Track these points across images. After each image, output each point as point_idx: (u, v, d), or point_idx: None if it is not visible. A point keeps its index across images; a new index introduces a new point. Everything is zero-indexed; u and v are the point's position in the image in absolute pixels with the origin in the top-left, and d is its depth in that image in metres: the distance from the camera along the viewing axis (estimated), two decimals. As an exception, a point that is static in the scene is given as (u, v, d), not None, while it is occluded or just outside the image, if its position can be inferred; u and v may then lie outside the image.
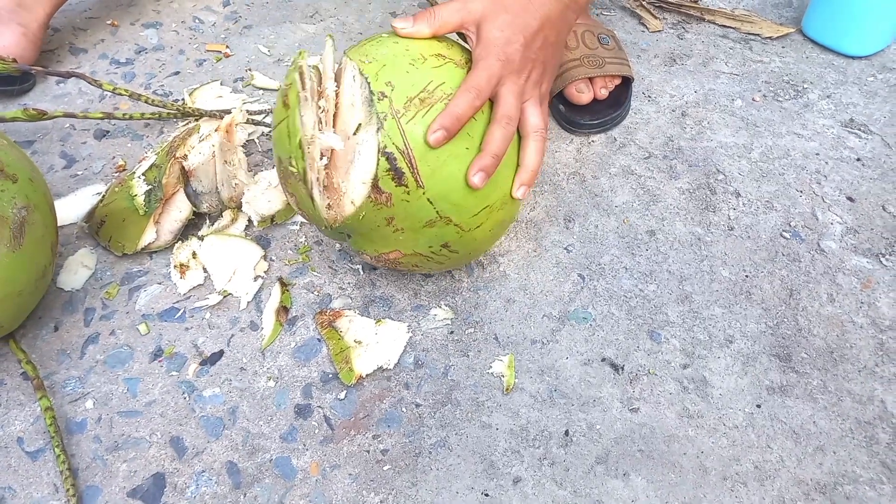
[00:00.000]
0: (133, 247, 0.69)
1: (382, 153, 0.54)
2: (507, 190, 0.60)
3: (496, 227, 0.62)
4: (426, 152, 0.54)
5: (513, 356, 0.64)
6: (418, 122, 0.54)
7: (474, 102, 0.55)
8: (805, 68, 0.93)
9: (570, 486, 0.57)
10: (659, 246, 0.73)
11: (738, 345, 0.65)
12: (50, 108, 0.84)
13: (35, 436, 0.59)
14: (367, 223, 0.57)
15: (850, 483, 0.57)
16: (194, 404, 0.61)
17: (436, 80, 0.56)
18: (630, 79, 0.86)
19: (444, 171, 0.55)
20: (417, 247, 0.59)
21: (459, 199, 0.57)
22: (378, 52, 0.57)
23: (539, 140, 0.60)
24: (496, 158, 0.56)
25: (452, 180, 0.56)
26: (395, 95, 0.54)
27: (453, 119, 0.54)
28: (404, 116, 0.54)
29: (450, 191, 0.56)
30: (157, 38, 0.97)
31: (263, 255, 0.71)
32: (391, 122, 0.54)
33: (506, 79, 0.57)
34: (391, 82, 0.55)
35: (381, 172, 0.54)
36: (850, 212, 0.76)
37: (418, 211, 0.56)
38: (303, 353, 0.64)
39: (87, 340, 0.65)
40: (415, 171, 0.54)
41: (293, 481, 0.57)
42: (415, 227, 0.57)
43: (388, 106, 0.54)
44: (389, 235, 0.58)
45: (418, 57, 0.57)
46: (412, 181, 0.55)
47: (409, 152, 0.54)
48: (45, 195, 0.60)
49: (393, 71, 0.55)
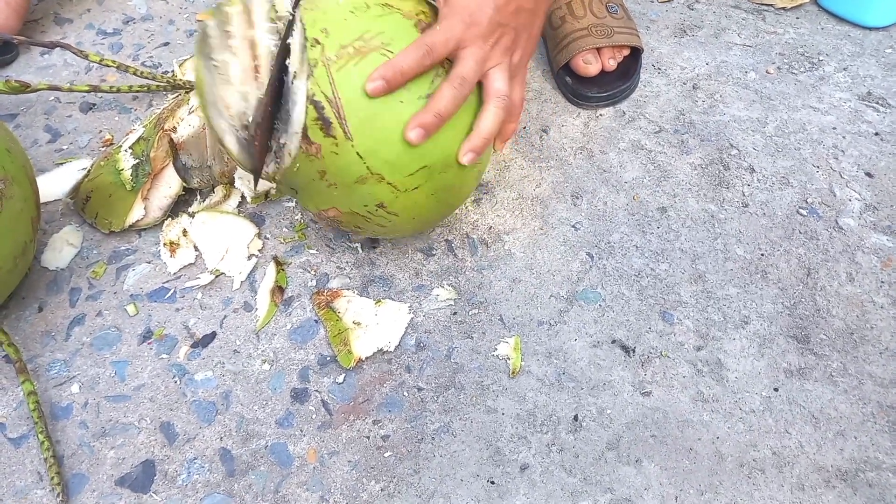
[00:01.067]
0: (120, 224, 0.66)
1: (311, 101, 0.52)
2: (452, 153, 0.56)
3: (440, 191, 0.57)
4: (354, 102, 0.52)
5: (519, 338, 0.61)
6: (350, 71, 0.52)
7: (423, 60, 0.52)
8: (820, 40, 0.90)
9: (580, 474, 0.54)
10: (671, 223, 0.70)
11: (754, 326, 0.63)
12: (34, 80, 0.80)
13: (18, 421, 0.56)
14: (302, 176, 0.56)
15: (873, 469, 0.55)
16: (185, 388, 0.58)
17: (373, 30, 0.53)
18: (639, 50, 0.83)
19: (374, 124, 0.53)
20: (353, 205, 0.57)
21: (391, 156, 0.54)
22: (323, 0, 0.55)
23: (498, 107, 0.56)
24: (439, 118, 0.53)
25: (383, 133, 0.53)
26: (329, 42, 0.52)
27: (395, 71, 0.51)
28: (335, 64, 0.52)
29: (380, 145, 0.53)
30: (145, 8, 0.93)
31: (257, 233, 0.68)
32: (321, 70, 0.52)
33: (468, 42, 0.54)
34: (326, 29, 0.53)
35: (310, 122, 0.52)
36: (868, 188, 0.73)
37: (348, 165, 0.54)
38: (299, 334, 0.62)
39: (72, 322, 0.62)
40: (342, 121, 0.52)
41: (290, 468, 0.54)
42: (347, 183, 0.55)
43: (321, 53, 0.52)
44: (324, 191, 0.56)
45: (361, 5, 0.54)
46: (340, 132, 0.52)
47: (338, 101, 0.52)
48: (24, 167, 0.57)
49: (331, 18, 0.53)
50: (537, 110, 0.81)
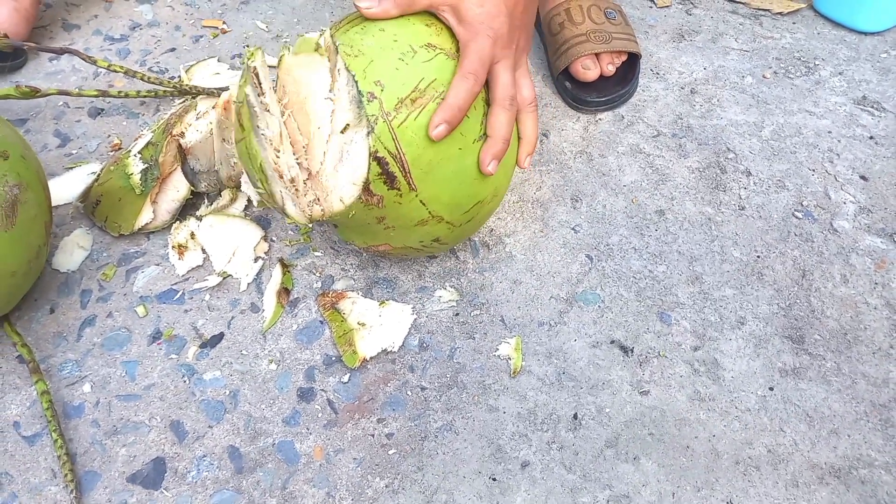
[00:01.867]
0: (129, 227, 0.67)
1: (374, 157, 0.51)
2: (498, 184, 0.59)
3: (485, 217, 0.61)
4: (419, 156, 0.52)
5: (520, 338, 0.63)
6: (410, 125, 0.51)
7: (473, 89, 0.53)
8: (816, 45, 0.91)
9: (580, 471, 0.56)
10: (668, 226, 0.72)
11: (750, 326, 0.64)
12: (43, 86, 0.82)
13: (32, 420, 0.57)
14: (356, 220, 0.56)
15: (866, 467, 0.56)
16: (194, 388, 0.59)
17: (427, 77, 0.52)
18: (637, 55, 0.84)
19: (437, 174, 0.53)
20: (408, 241, 0.59)
21: (451, 199, 0.55)
22: (364, 43, 0.53)
23: (533, 111, 0.60)
24: (506, 143, 0.55)
25: (445, 181, 0.54)
26: (386, 97, 0.51)
27: (454, 111, 0.52)
28: (395, 119, 0.51)
29: (442, 192, 0.55)
30: (152, 14, 0.94)
31: (264, 236, 0.69)
32: (382, 126, 0.51)
33: (499, 55, 0.55)
34: (380, 81, 0.51)
35: (373, 176, 0.52)
36: (863, 191, 0.75)
37: (411, 212, 0.55)
38: (305, 335, 0.63)
39: (83, 323, 0.63)
40: (407, 174, 0.52)
41: (296, 466, 0.55)
42: (406, 226, 0.56)
43: (379, 108, 0.51)
44: (380, 232, 0.57)
45: (408, 50, 0.53)
46: (405, 185, 0.53)
47: (402, 157, 0.52)
48: (37, 173, 0.58)
49: (381, 68, 0.51)
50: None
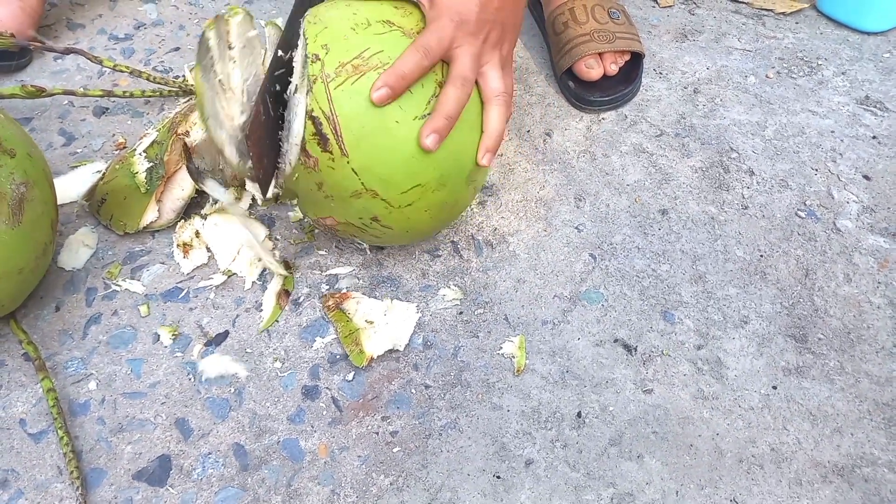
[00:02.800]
0: (135, 225, 0.67)
1: (309, 116, 0.53)
2: (446, 171, 0.57)
3: (433, 208, 0.59)
4: (352, 120, 0.53)
5: (523, 337, 0.63)
6: (347, 89, 0.53)
7: (422, 62, 0.54)
8: (819, 44, 0.91)
9: (583, 469, 0.56)
10: (672, 225, 0.72)
11: (754, 325, 0.64)
12: (48, 85, 0.82)
13: (37, 417, 0.57)
14: (301, 186, 0.57)
15: (869, 465, 0.56)
16: (199, 385, 0.60)
17: (373, 48, 0.54)
18: (641, 55, 0.84)
19: (369, 142, 0.54)
20: (349, 216, 0.59)
21: (385, 174, 0.55)
22: (326, 14, 0.56)
23: (501, 104, 0.58)
24: (450, 120, 0.55)
25: (378, 152, 0.54)
26: (328, 59, 0.53)
27: (398, 77, 0.53)
28: (333, 81, 0.53)
29: (375, 163, 0.55)
30: (156, 14, 0.95)
31: (268, 235, 0.69)
32: (319, 86, 0.53)
33: (461, 40, 0.55)
34: (327, 45, 0.54)
35: (309, 136, 0.54)
36: (866, 190, 0.75)
37: (343, 180, 0.55)
38: (309, 333, 0.63)
39: (89, 321, 0.64)
40: (339, 137, 0.53)
41: (301, 463, 0.56)
42: (342, 197, 0.56)
43: (320, 69, 0.53)
44: (321, 201, 0.58)
45: (363, 21, 0.55)
46: (336, 148, 0.54)
47: (335, 118, 0.53)
48: (44, 171, 0.59)
49: (332, 34, 0.54)
50: (541, 114, 0.83)
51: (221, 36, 0.55)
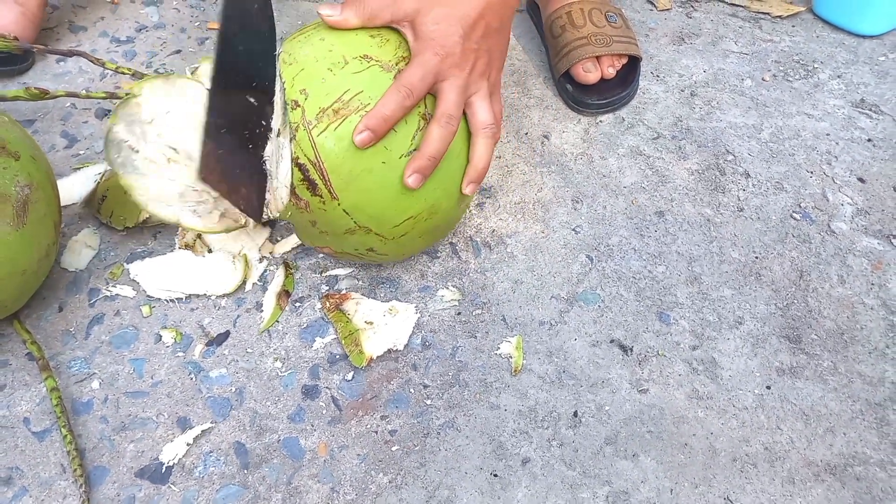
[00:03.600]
0: (134, 219, 0.68)
1: (296, 164, 0.53)
2: (435, 201, 0.58)
3: (426, 233, 0.60)
4: (338, 165, 0.53)
5: (521, 337, 0.64)
6: (330, 135, 0.53)
7: (404, 102, 0.52)
8: (815, 48, 0.92)
9: (579, 467, 0.57)
10: (668, 227, 0.73)
11: (748, 326, 0.65)
12: (50, 87, 0.83)
13: (41, 416, 0.58)
14: (295, 221, 0.58)
15: (861, 464, 0.57)
16: (201, 385, 0.60)
17: (353, 89, 0.53)
18: (638, 58, 0.85)
19: (358, 185, 0.54)
20: (345, 248, 0.60)
21: (376, 212, 0.56)
22: (300, 52, 0.54)
23: (488, 137, 0.57)
24: (433, 160, 0.54)
25: (367, 194, 0.55)
26: (308, 105, 0.53)
27: (379, 120, 0.52)
28: (316, 128, 0.53)
29: (365, 204, 0.55)
30: (157, 16, 0.96)
31: (269, 237, 0.70)
32: (302, 133, 0.53)
33: (446, 73, 0.54)
34: (305, 90, 0.53)
35: (297, 181, 0.54)
36: (860, 193, 0.76)
37: (337, 219, 0.56)
38: (309, 333, 0.64)
39: (91, 321, 0.64)
40: (327, 183, 0.54)
41: (301, 461, 0.56)
42: (337, 233, 0.58)
43: (301, 116, 0.53)
44: (317, 235, 0.59)
45: (339, 60, 0.54)
46: (326, 192, 0.54)
47: (321, 165, 0.53)
48: (47, 174, 0.60)
49: (309, 77, 0.53)
50: (539, 117, 0.83)
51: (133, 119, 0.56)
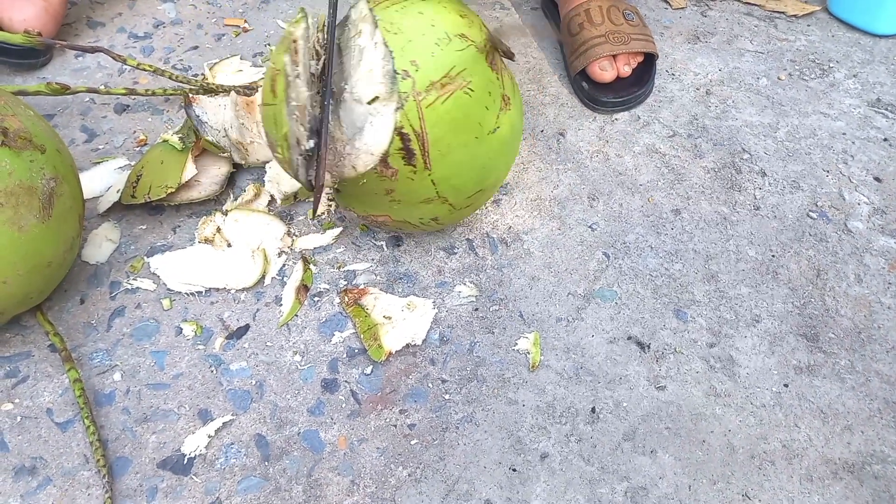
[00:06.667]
0: (177, 180, 0.67)
1: (398, 132, 0.54)
2: (499, 174, 0.63)
3: (480, 204, 0.65)
4: (440, 138, 0.55)
5: (538, 334, 0.64)
6: (438, 108, 0.54)
7: None
8: (831, 47, 0.92)
9: (598, 463, 0.57)
10: (684, 225, 0.73)
11: (765, 324, 0.65)
12: (69, 82, 0.84)
13: (64, 407, 0.59)
14: (364, 189, 0.58)
15: (879, 463, 0.57)
16: (221, 377, 0.61)
17: (458, 66, 0.55)
18: (654, 56, 0.85)
19: (451, 157, 0.56)
20: (408, 217, 0.62)
21: (460, 183, 0.59)
22: (404, 23, 0.56)
23: None
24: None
25: (457, 166, 0.58)
26: (420, 77, 0.54)
27: None
28: (425, 100, 0.54)
29: (453, 174, 0.58)
30: (174, 13, 0.96)
31: (287, 231, 0.71)
32: (412, 104, 0.54)
33: None
34: (416, 61, 0.54)
35: (393, 150, 0.55)
36: (877, 192, 0.76)
37: (420, 189, 0.57)
38: (328, 328, 0.64)
39: (113, 313, 0.65)
40: (426, 154, 0.55)
41: (321, 454, 0.57)
42: (412, 202, 0.59)
43: (411, 87, 0.54)
44: (384, 203, 0.60)
45: (444, 36, 0.55)
46: (421, 163, 0.56)
47: (424, 136, 0.54)
48: (71, 167, 0.60)
49: (419, 49, 0.54)
50: (554, 114, 0.84)
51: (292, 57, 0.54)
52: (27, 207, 0.53)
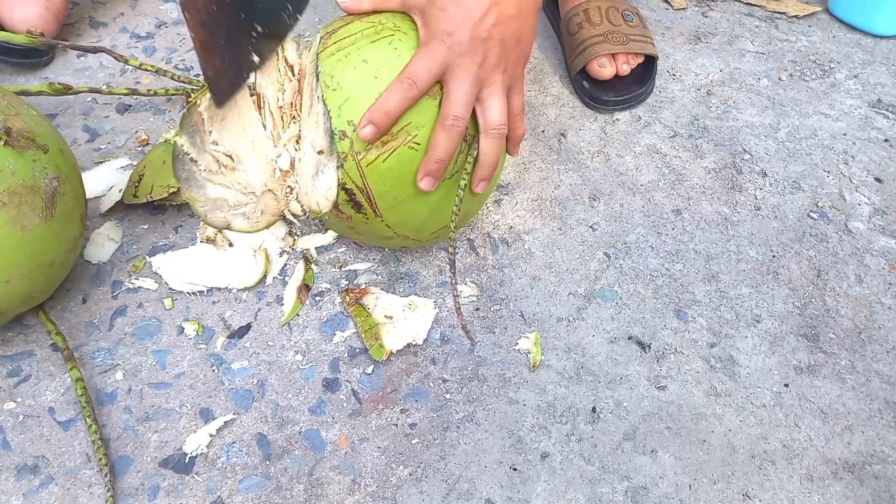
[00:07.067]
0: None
1: (342, 188, 0.55)
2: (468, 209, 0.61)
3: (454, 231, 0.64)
4: (385, 192, 0.55)
5: (539, 333, 0.64)
6: (378, 166, 0.54)
7: (408, 94, 0.51)
8: (832, 47, 0.92)
9: (598, 462, 0.57)
10: (685, 225, 0.73)
11: (766, 324, 0.65)
12: (71, 82, 0.84)
13: (66, 406, 0.59)
14: (331, 222, 0.60)
15: (879, 462, 0.57)
16: (223, 377, 0.61)
17: (401, 120, 0.52)
18: (654, 57, 0.85)
19: (403, 207, 0.56)
20: (379, 243, 0.67)
21: (416, 225, 0.59)
22: (343, 77, 0.53)
23: (496, 137, 0.54)
24: (441, 163, 0.53)
25: (410, 213, 0.57)
26: (356, 137, 0.53)
27: (382, 114, 0.51)
28: (364, 158, 0.53)
29: (408, 220, 0.58)
30: (177, 12, 0.96)
31: (289, 231, 0.71)
32: (350, 163, 0.54)
33: (454, 64, 0.51)
34: (353, 121, 0.52)
35: (342, 201, 0.56)
36: (877, 192, 0.76)
37: (378, 229, 0.59)
38: (329, 327, 0.65)
39: (115, 313, 0.65)
40: (374, 205, 0.56)
41: (323, 453, 0.57)
42: (375, 237, 0.62)
43: (349, 147, 0.53)
44: (352, 234, 0.62)
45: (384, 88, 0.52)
46: (371, 212, 0.56)
47: (369, 191, 0.55)
48: (74, 166, 0.60)
49: (356, 107, 0.52)
50: (555, 114, 0.84)
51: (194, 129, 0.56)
52: (30, 207, 0.54)
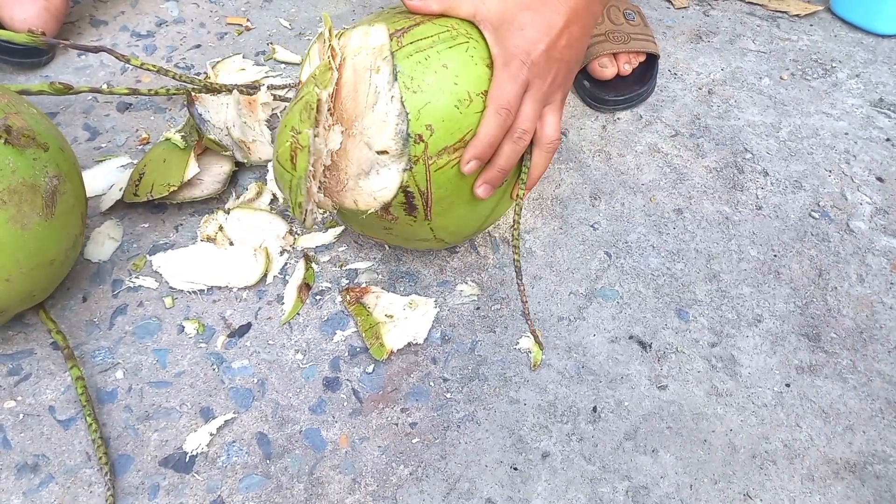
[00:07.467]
0: (179, 178, 0.68)
1: (403, 190, 0.54)
2: (498, 214, 0.63)
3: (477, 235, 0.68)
4: (443, 197, 0.56)
5: (540, 333, 0.64)
6: (446, 172, 0.54)
7: (505, 122, 0.53)
8: (833, 47, 0.92)
9: (599, 462, 0.57)
10: (686, 224, 0.73)
11: (767, 324, 0.65)
12: (72, 81, 0.84)
13: (66, 405, 0.59)
14: (364, 220, 0.58)
15: (881, 462, 0.57)
16: (223, 375, 0.61)
17: (474, 129, 0.53)
18: (656, 56, 0.85)
19: (452, 213, 0.57)
20: (405, 244, 0.66)
21: (457, 230, 0.61)
22: (425, 80, 0.52)
23: (549, 151, 0.58)
24: (503, 172, 0.56)
25: (457, 218, 0.59)
26: (433, 141, 0.52)
27: (485, 147, 0.53)
28: (435, 164, 0.53)
29: (451, 223, 0.59)
30: (177, 11, 0.96)
31: (289, 229, 0.71)
32: (420, 167, 0.53)
33: (531, 85, 0.54)
34: (431, 126, 0.52)
35: (396, 202, 0.55)
36: (879, 192, 0.75)
37: (418, 232, 0.59)
38: (330, 326, 0.64)
39: (115, 311, 0.65)
40: (428, 209, 0.56)
41: (323, 452, 0.57)
42: (409, 239, 0.61)
43: (423, 151, 0.52)
44: (383, 233, 0.61)
45: (465, 97, 0.52)
46: (422, 215, 0.56)
47: (429, 195, 0.55)
48: (74, 165, 0.60)
49: (436, 113, 0.52)
50: (557, 114, 0.83)
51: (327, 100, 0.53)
52: (30, 205, 0.54)
